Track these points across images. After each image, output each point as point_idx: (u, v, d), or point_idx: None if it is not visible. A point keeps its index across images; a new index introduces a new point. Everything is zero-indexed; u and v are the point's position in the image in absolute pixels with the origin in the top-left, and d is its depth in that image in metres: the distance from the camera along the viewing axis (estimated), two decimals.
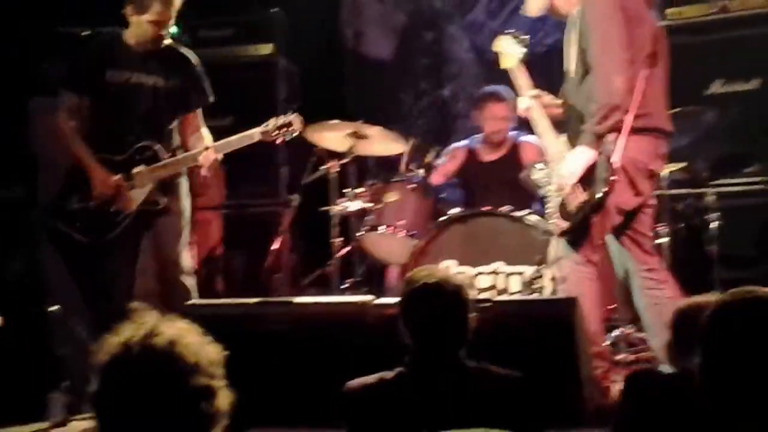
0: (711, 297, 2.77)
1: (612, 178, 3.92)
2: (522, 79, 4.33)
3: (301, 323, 3.52)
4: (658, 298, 4.00)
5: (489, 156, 5.81)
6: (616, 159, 3.91)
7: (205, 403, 1.70)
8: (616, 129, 3.92)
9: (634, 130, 3.95)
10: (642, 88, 3.95)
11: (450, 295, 2.74)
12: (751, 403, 2.06)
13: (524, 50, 4.36)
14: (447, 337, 2.73)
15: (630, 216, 4.06)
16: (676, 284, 4.13)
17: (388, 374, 2.72)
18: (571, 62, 4.13)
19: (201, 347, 1.74)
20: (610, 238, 4.12)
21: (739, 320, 2.16)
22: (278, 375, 3.42)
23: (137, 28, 4.55)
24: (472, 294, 2.91)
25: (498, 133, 5.74)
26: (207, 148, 4.56)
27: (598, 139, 3.94)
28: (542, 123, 4.24)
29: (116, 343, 1.72)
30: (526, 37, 4.45)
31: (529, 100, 4.28)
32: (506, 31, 4.52)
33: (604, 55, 3.92)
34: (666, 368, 2.96)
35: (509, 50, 4.38)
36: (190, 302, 3.75)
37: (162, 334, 1.72)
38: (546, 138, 4.23)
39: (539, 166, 4.26)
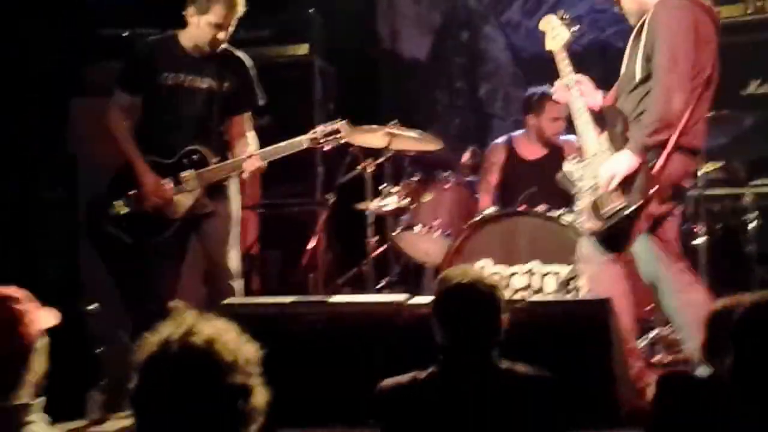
0: (744, 297, 2.77)
1: (652, 190, 3.91)
2: (563, 62, 4.26)
3: (335, 322, 3.53)
4: (690, 300, 3.98)
5: (532, 154, 5.78)
6: (655, 172, 3.92)
7: (241, 401, 1.73)
8: (663, 144, 3.93)
9: (675, 148, 3.96)
10: (692, 109, 3.95)
11: (483, 294, 2.75)
12: None
13: (569, 34, 4.30)
14: (479, 337, 2.74)
15: (657, 221, 4.05)
16: (707, 285, 4.11)
17: (421, 374, 2.73)
18: (631, 64, 4.09)
19: (238, 346, 1.77)
20: (637, 243, 4.11)
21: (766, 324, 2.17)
22: (313, 374, 3.44)
23: (196, 30, 4.53)
24: (506, 294, 2.92)
25: (557, 134, 5.67)
26: (251, 156, 4.55)
27: (644, 148, 3.93)
28: (582, 113, 4.17)
29: (155, 341, 1.76)
30: (575, 23, 4.37)
31: (570, 83, 4.24)
32: (556, 12, 4.44)
33: (671, 71, 3.89)
34: (702, 370, 2.95)
35: (556, 31, 4.31)
36: (225, 302, 3.77)
37: (200, 333, 1.75)
38: (585, 131, 4.16)
39: (574, 159, 4.23)
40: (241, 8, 4.54)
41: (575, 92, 4.20)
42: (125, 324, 4.42)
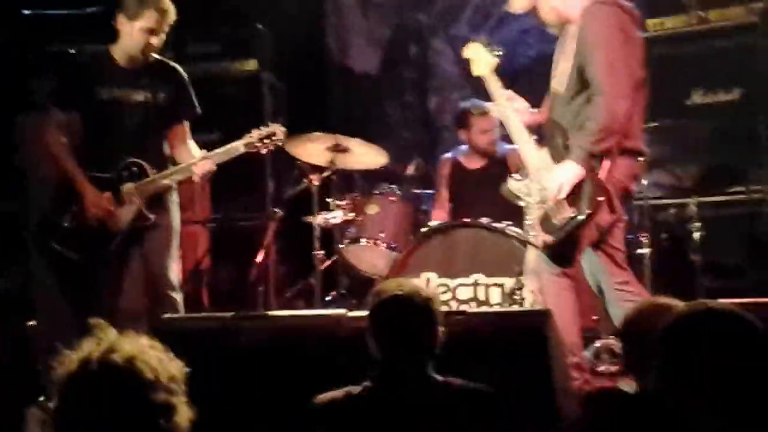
0: (654, 305, 2.81)
1: (599, 198, 3.95)
2: (494, 85, 4.31)
3: (275, 336, 3.53)
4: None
5: (474, 164, 5.83)
6: (602, 178, 3.95)
7: (163, 420, 1.73)
8: (609, 151, 3.96)
9: (620, 152, 4.00)
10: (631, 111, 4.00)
11: (418, 307, 2.73)
12: (710, 417, 2.09)
13: (495, 59, 4.34)
14: (414, 351, 2.72)
15: (605, 232, 4.08)
16: (652, 294, 4.14)
17: (356, 389, 2.71)
18: (561, 77, 4.12)
19: (161, 363, 1.77)
20: (585, 253, 4.14)
21: (695, 335, 2.19)
22: (253, 388, 3.43)
23: (128, 38, 4.53)
24: (444, 306, 2.92)
25: (491, 145, 5.75)
26: (204, 158, 4.56)
27: (590, 157, 3.95)
28: (520, 131, 4.21)
29: (75, 359, 1.75)
30: (497, 46, 4.41)
31: (503, 105, 4.26)
32: (477, 38, 4.48)
33: (610, 77, 3.92)
34: (628, 384, 2.97)
35: (480, 57, 4.36)
36: (166, 316, 3.77)
37: (121, 351, 1.75)
38: (525, 148, 4.20)
39: (517, 176, 4.26)
40: (172, 14, 4.53)
41: (510, 111, 4.23)
42: (68, 339, 4.39)
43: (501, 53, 4.37)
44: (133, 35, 4.51)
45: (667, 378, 2.23)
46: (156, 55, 4.67)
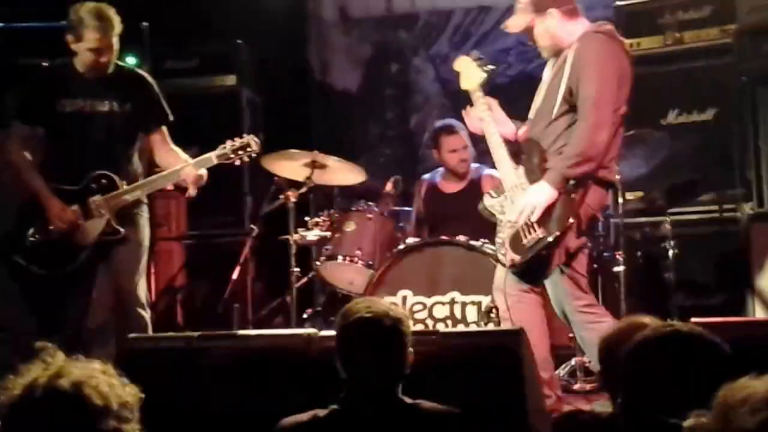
0: (628, 324, 2.82)
1: (570, 220, 3.97)
2: (479, 101, 4.30)
3: (244, 356, 3.51)
4: (600, 331, 4.04)
5: (450, 188, 5.85)
6: (576, 202, 3.99)
7: None
8: (583, 176, 3.99)
9: (594, 180, 4.05)
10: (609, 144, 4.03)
11: (385, 328, 2.65)
12: None
13: (484, 74, 4.36)
14: (381, 373, 2.66)
15: (571, 256, 4.11)
16: (627, 312, 4.17)
17: (322, 412, 2.64)
18: (550, 98, 4.13)
19: (112, 389, 1.71)
20: (550, 276, 4.16)
21: (658, 358, 2.19)
22: (220, 409, 3.40)
23: (80, 56, 4.49)
24: (419, 325, 2.90)
25: (462, 164, 5.77)
26: (189, 164, 4.53)
27: (564, 180, 3.98)
28: (499, 147, 4.20)
29: (20, 384, 1.70)
30: (488, 61, 4.42)
31: (482, 112, 4.26)
32: (469, 53, 4.49)
33: (598, 106, 3.96)
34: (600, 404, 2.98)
35: (469, 71, 4.38)
36: (131, 336, 3.74)
37: (68, 375, 1.69)
38: (502, 165, 4.21)
39: (493, 193, 4.27)
40: (117, 25, 4.46)
41: (490, 126, 4.24)
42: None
43: (493, 68, 4.39)
44: (81, 54, 4.48)
45: (629, 405, 2.24)
46: (121, 63, 4.63)
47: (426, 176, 6.03)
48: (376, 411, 2.66)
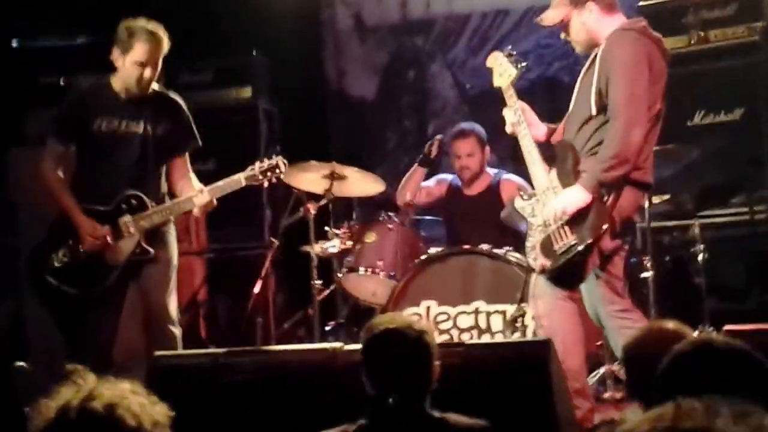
0: (658, 326, 2.74)
1: (605, 226, 3.88)
2: (512, 99, 4.22)
3: (270, 372, 3.49)
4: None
5: (469, 191, 5.78)
6: (609, 207, 3.90)
7: None
8: (619, 179, 3.89)
9: (628, 182, 3.95)
10: (644, 144, 3.94)
11: (411, 341, 2.68)
12: None
13: (516, 71, 4.27)
14: (409, 387, 2.67)
15: (606, 258, 4.01)
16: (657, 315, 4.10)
17: (351, 427, 2.66)
18: (582, 98, 4.06)
19: (143, 409, 1.70)
20: (586, 281, 4.07)
21: (695, 372, 2.11)
22: (248, 425, 3.38)
23: (123, 71, 4.49)
24: (443, 336, 2.87)
25: (466, 170, 5.67)
26: (202, 190, 4.52)
27: (598, 184, 3.89)
28: (532, 150, 4.13)
29: (53, 407, 1.68)
30: (520, 58, 4.34)
31: (515, 114, 4.17)
32: (503, 49, 4.41)
33: (630, 105, 3.87)
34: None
35: (503, 68, 4.28)
36: (157, 354, 3.71)
37: (100, 397, 1.68)
38: (535, 168, 4.14)
39: (525, 195, 4.20)
40: (165, 44, 4.49)
41: (524, 130, 4.16)
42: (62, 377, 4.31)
43: (525, 65, 4.31)
44: (126, 68, 4.48)
45: None
46: (156, 86, 4.63)
47: (447, 176, 5.94)
48: (405, 425, 2.67)
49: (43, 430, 1.67)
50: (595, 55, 4.04)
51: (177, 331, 4.57)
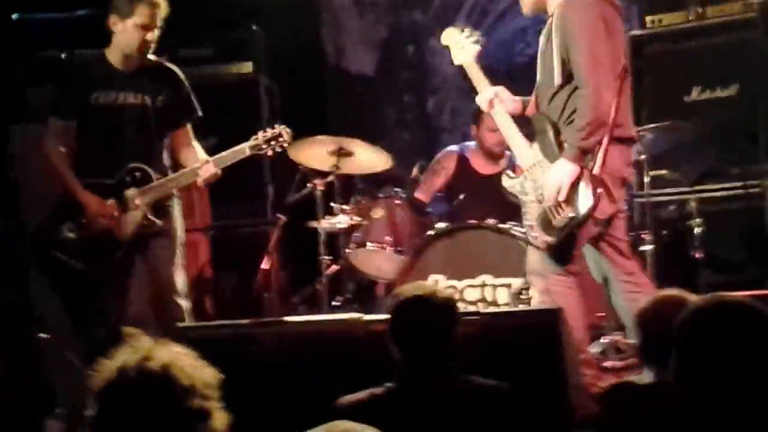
0: (668, 296, 2.84)
1: (598, 191, 3.94)
2: (477, 74, 4.25)
3: (292, 343, 3.54)
4: (640, 300, 4.03)
5: (485, 169, 5.76)
6: (597, 171, 3.95)
7: (201, 425, 1.74)
8: (599, 143, 3.95)
9: (610, 141, 3.98)
10: (617, 101, 3.98)
11: (437, 308, 2.78)
12: (728, 409, 2.11)
13: (476, 45, 4.27)
14: (436, 350, 2.76)
15: (606, 223, 4.07)
16: (657, 287, 4.17)
17: (378, 390, 2.74)
18: (546, 69, 4.08)
19: (195, 370, 1.78)
20: (587, 247, 4.15)
21: (713, 328, 2.21)
22: (271, 395, 3.44)
23: (123, 36, 4.47)
24: (460, 307, 2.95)
25: (499, 145, 5.62)
26: (207, 161, 4.52)
27: (582, 153, 3.94)
28: (510, 126, 4.15)
29: (112, 368, 1.76)
30: (476, 33, 4.33)
31: (490, 95, 4.20)
32: (455, 25, 4.40)
33: (595, 71, 3.90)
34: (646, 374, 2.99)
35: (461, 44, 4.29)
36: (181, 324, 3.75)
37: (156, 358, 1.76)
38: (517, 144, 4.16)
39: (510, 174, 4.23)
40: (164, 7, 4.47)
41: (498, 107, 4.20)
42: (78, 350, 4.37)
43: (479, 39, 4.29)
44: (127, 33, 4.45)
45: (684, 373, 2.25)
46: (153, 57, 4.62)
47: (454, 148, 5.92)
48: (433, 387, 2.75)
49: (103, 389, 1.74)
50: (551, 23, 4.05)
51: (185, 303, 4.57)
